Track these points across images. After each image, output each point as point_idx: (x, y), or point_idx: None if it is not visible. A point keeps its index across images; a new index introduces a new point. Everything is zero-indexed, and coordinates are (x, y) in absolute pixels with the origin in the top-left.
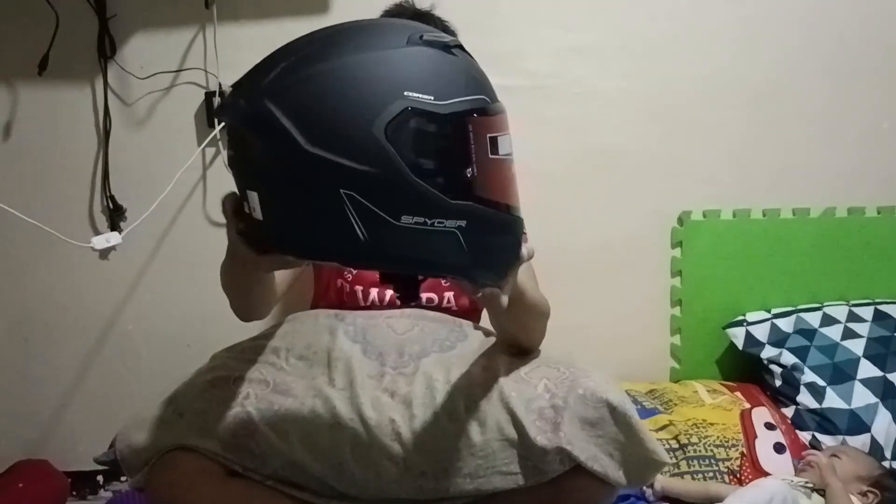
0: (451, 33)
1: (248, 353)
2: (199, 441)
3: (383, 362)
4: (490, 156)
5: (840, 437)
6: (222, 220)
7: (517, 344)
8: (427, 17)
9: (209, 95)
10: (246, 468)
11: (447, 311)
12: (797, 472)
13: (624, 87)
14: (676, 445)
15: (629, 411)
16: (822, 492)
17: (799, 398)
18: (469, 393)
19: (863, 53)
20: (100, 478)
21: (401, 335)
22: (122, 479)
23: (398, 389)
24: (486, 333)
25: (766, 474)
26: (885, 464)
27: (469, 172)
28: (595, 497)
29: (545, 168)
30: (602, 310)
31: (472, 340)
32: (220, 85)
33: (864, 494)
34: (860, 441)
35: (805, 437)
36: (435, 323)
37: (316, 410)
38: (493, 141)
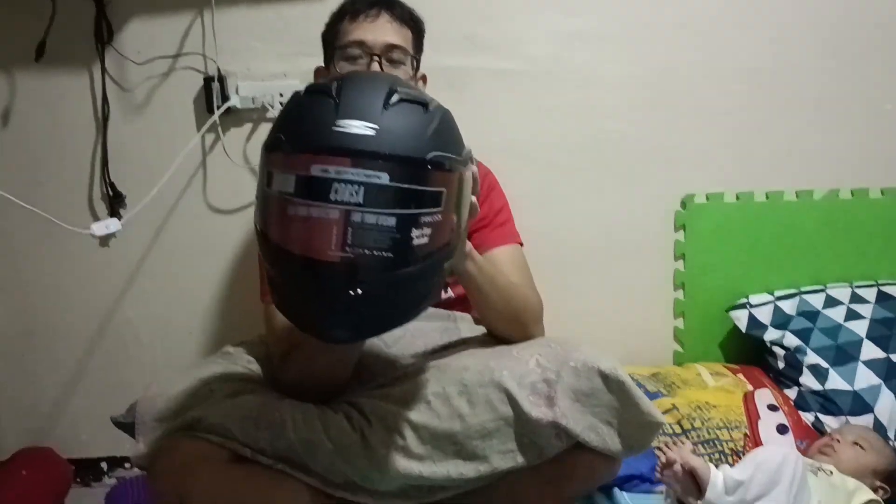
0: (417, 19)
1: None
2: (220, 419)
3: (379, 384)
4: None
5: (843, 419)
6: (222, 206)
7: (509, 339)
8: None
9: (208, 80)
10: (256, 450)
11: (445, 300)
12: (810, 452)
13: (625, 73)
14: (680, 430)
15: (622, 377)
16: (827, 472)
17: (802, 380)
18: (461, 378)
19: (865, 34)
20: (104, 464)
21: (391, 347)
22: (127, 465)
23: (393, 392)
24: (480, 322)
25: None
26: (890, 443)
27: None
28: (597, 472)
29: (546, 154)
30: (605, 294)
31: (465, 334)
32: (218, 70)
33: (875, 490)
34: (863, 421)
35: (808, 418)
36: (427, 322)
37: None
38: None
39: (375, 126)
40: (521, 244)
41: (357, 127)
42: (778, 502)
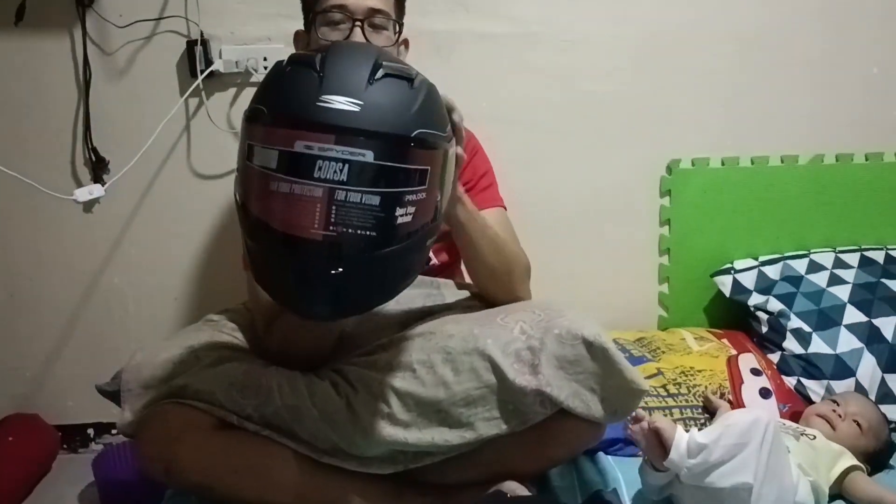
0: None
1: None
2: (206, 386)
3: (364, 351)
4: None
5: (825, 382)
6: (206, 171)
7: (495, 300)
8: None
9: (191, 44)
10: (243, 417)
11: (429, 268)
12: (805, 417)
13: (612, 34)
14: (665, 394)
15: (605, 343)
16: (810, 437)
17: (785, 344)
18: (446, 345)
19: None
20: (90, 431)
21: (376, 315)
22: (113, 431)
23: (378, 360)
24: (464, 290)
25: None
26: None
27: None
28: (582, 437)
29: (533, 117)
30: (591, 259)
31: (449, 300)
32: (201, 33)
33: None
34: (845, 385)
35: (790, 382)
36: (411, 289)
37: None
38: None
39: (360, 102)
40: (505, 208)
41: (341, 103)
42: (745, 466)
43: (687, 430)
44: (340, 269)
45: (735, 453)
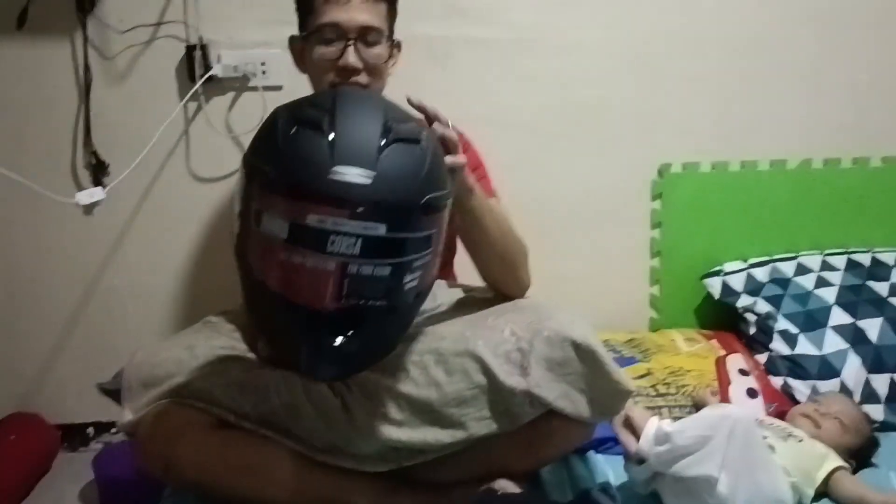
0: None
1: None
2: (204, 384)
3: None
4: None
5: (811, 383)
6: (205, 175)
7: (503, 285)
8: None
9: (190, 49)
10: (240, 416)
11: None
12: (790, 416)
13: (605, 40)
14: (655, 394)
15: (593, 345)
16: (797, 439)
17: (772, 345)
18: (438, 347)
19: (841, 5)
20: (90, 430)
21: None
22: (113, 430)
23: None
24: (456, 289)
25: None
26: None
27: None
28: (571, 437)
29: (526, 121)
30: (583, 261)
31: (441, 301)
32: (200, 38)
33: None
34: (830, 385)
35: (777, 382)
36: None
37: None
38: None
39: (373, 173)
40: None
41: (354, 175)
42: (710, 458)
43: None
44: (349, 335)
45: (701, 445)
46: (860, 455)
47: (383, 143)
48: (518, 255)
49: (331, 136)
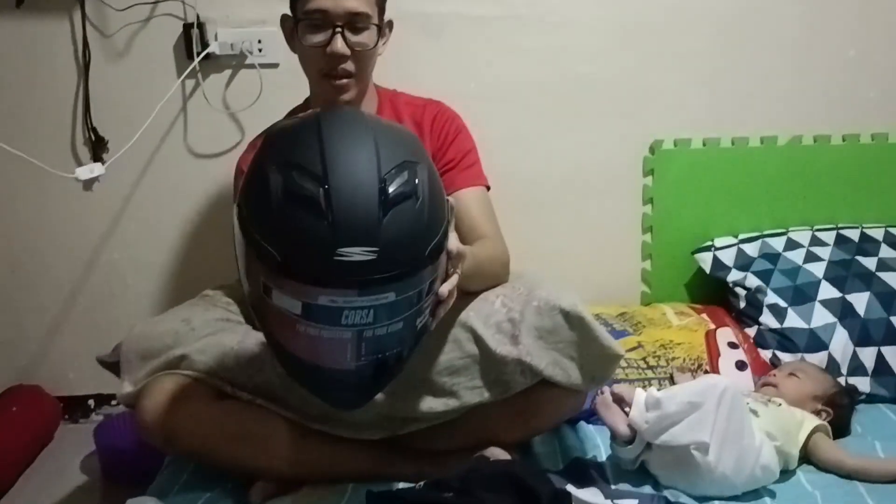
0: None
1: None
2: (201, 356)
3: None
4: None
5: (799, 355)
6: (203, 151)
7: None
8: None
9: (187, 27)
10: (237, 386)
11: None
12: (757, 388)
13: (597, 17)
14: (645, 366)
15: (581, 312)
16: (776, 404)
17: (762, 319)
18: None
19: None
20: (91, 402)
21: None
22: (113, 402)
23: None
24: None
25: None
26: (841, 380)
27: None
28: (563, 406)
29: (519, 97)
30: (575, 236)
31: None
32: (197, 17)
33: (818, 413)
34: (818, 358)
35: (766, 355)
36: None
37: None
38: None
39: (376, 248)
40: (488, 187)
41: (359, 254)
42: (701, 425)
43: None
44: (369, 378)
45: (690, 411)
46: (834, 404)
47: (382, 208)
48: (497, 276)
49: (330, 218)
